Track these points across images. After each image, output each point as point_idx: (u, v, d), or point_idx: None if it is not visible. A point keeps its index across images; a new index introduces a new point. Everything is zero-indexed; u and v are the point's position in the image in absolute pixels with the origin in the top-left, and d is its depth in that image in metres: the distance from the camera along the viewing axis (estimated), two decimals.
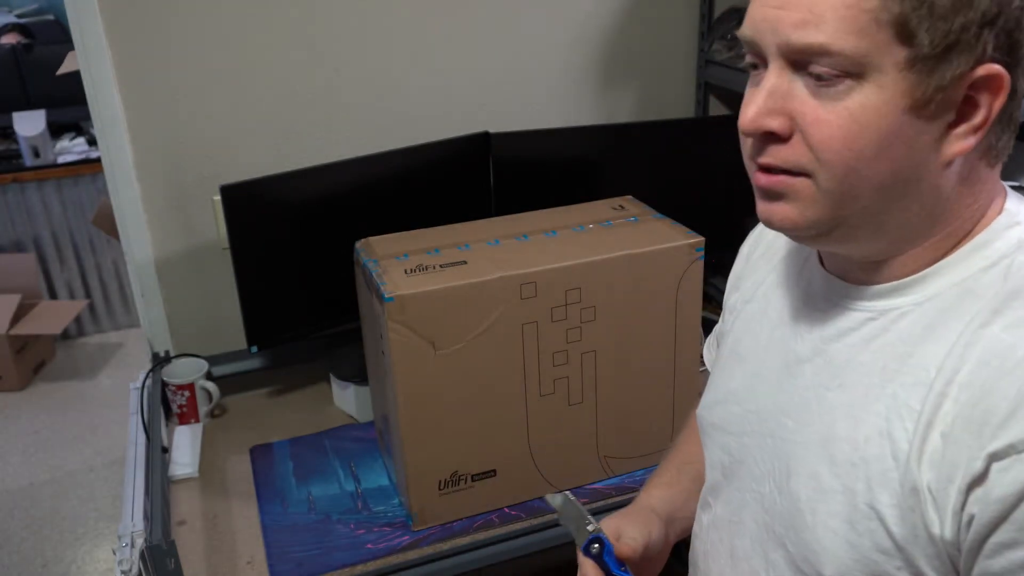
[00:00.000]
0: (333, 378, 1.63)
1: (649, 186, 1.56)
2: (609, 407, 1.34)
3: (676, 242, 1.30)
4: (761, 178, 0.65)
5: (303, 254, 1.55)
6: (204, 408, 1.60)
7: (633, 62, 1.90)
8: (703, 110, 1.98)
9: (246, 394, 1.70)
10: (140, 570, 1.15)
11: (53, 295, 3.50)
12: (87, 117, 1.71)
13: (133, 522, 1.24)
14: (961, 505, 0.58)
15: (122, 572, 1.16)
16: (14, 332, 3.16)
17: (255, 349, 1.54)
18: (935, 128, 0.59)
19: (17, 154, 3.34)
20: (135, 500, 1.30)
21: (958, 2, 0.56)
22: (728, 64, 1.84)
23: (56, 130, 3.45)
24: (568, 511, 0.87)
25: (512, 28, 1.77)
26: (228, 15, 1.56)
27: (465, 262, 1.23)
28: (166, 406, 1.59)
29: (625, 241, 1.29)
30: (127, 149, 1.57)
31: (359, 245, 1.32)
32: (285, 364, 1.76)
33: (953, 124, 0.60)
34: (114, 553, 1.19)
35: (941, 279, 0.64)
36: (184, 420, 1.59)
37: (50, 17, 4.43)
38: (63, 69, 2.71)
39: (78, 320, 3.55)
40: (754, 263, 0.87)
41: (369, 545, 1.28)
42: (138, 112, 1.56)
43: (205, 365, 1.61)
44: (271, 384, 1.72)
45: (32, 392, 3.25)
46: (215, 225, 1.67)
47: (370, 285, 1.23)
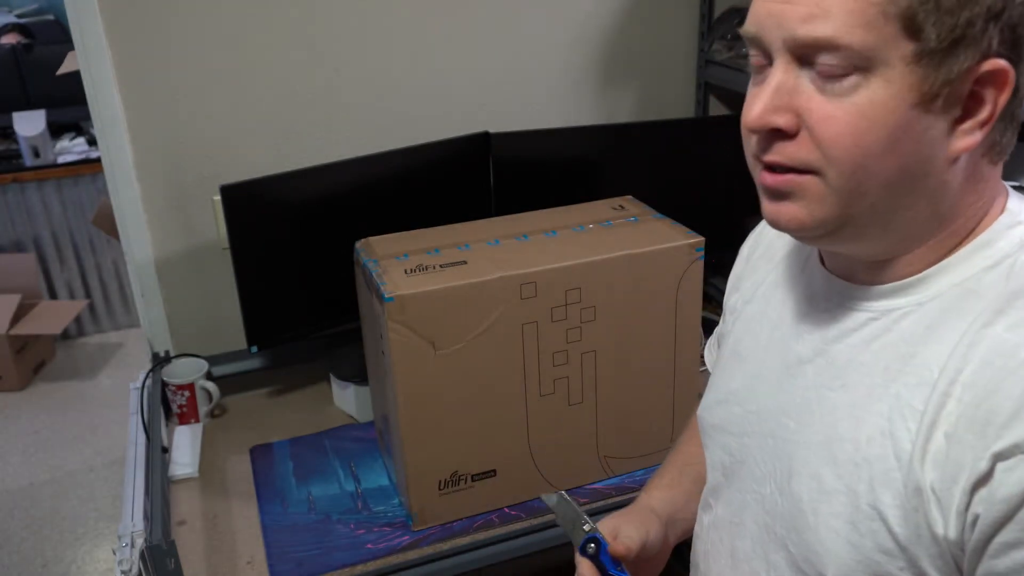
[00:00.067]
0: (333, 378, 1.63)
1: (649, 186, 1.56)
2: (609, 407, 1.34)
3: (676, 242, 1.30)
4: (768, 178, 0.64)
5: (303, 254, 1.55)
6: (204, 408, 1.60)
7: (633, 62, 1.90)
8: (703, 110, 1.98)
9: (246, 394, 1.70)
10: (140, 570, 1.15)
11: (53, 295, 3.50)
12: (87, 117, 1.71)
13: (133, 522, 1.24)
14: (966, 505, 0.58)
15: (122, 572, 1.16)
16: (14, 332, 3.16)
17: (255, 349, 1.54)
18: (942, 123, 0.59)
19: (17, 154, 3.34)
20: (135, 500, 1.30)
21: None
22: (728, 64, 1.84)
23: (56, 130, 3.45)
24: (564, 511, 0.87)
25: (512, 28, 1.77)
26: (228, 15, 1.56)
27: (465, 262, 1.23)
28: (166, 406, 1.59)
29: (625, 241, 1.29)
30: (127, 149, 1.57)
31: (359, 245, 1.32)
32: (285, 364, 1.76)
33: (959, 120, 0.60)
34: (114, 553, 1.19)
35: (943, 279, 0.64)
36: (184, 420, 1.59)
37: (50, 17, 4.43)
38: (63, 69, 2.71)
39: (78, 320, 3.55)
40: (754, 264, 0.87)
41: (369, 545, 1.28)
42: (138, 112, 1.56)
43: (205, 365, 1.61)
44: (271, 384, 1.72)
45: (32, 392, 3.25)
46: (215, 225, 1.67)
47: (370, 285, 1.23)
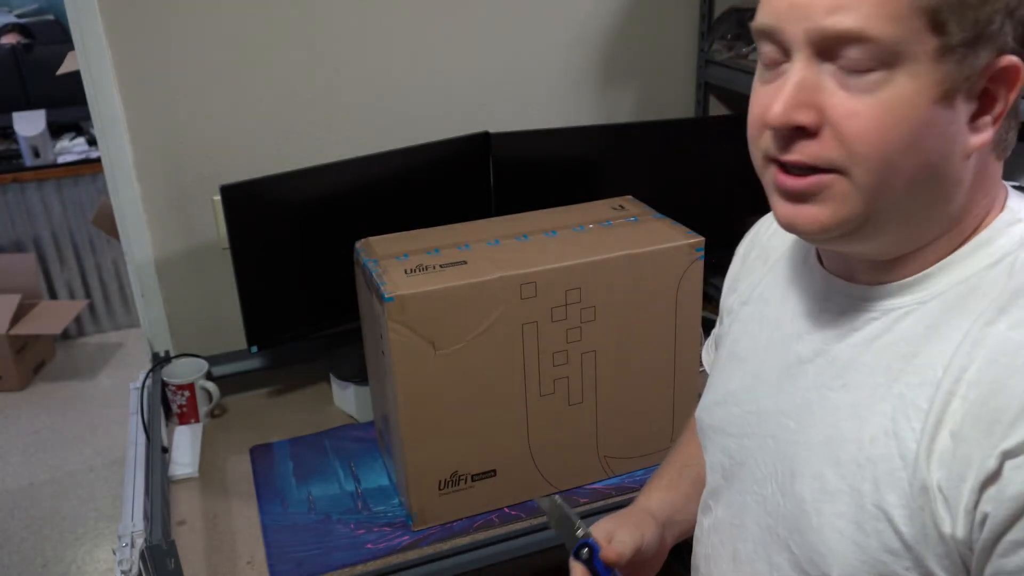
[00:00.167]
0: (333, 378, 1.63)
1: (649, 186, 1.56)
2: (609, 407, 1.34)
3: (676, 242, 1.30)
4: (788, 180, 0.62)
5: (303, 254, 1.55)
6: (204, 408, 1.60)
7: (633, 62, 1.90)
8: (703, 110, 1.98)
9: (246, 394, 1.70)
10: (140, 570, 1.15)
11: (53, 295, 3.50)
12: (87, 117, 1.71)
13: (133, 522, 1.24)
14: (974, 503, 0.58)
15: (122, 572, 1.16)
16: (14, 332, 3.16)
17: (255, 349, 1.54)
18: (960, 119, 0.59)
19: (17, 154, 3.34)
20: (135, 500, 1.29)
21: None
22: (728, 64, 1.84)
23: (56, 130, 3.45)
24: (558, 515, 0.86)
25: (512, 28, 1.77)
26: (228, 15, 1.56)
27: (465, 262, 1.23)
28: (166, 406, 1.59)
29: (625, 241, 1.29)
30: (127, 149, 1.57)
31: (359, 245, 1.32)
32: (285, 364, 1.76)
33: (974, 116, 0.60)
34: (114, 553, 1.19)
35: (945, 277, 0.64)
36: (184, 420, 1.59)
37: (50, 17, 4.42)
38: (63, 69, 2.71)
39: (78, 320, 3.55)
40: (750, 264, 0.86)
41: (369, 545, 1.28)
42: (138, 112, 1.56)
43: (205, 365, 1.61)
44: (271, 384, 1.72)
45: (32, 392, 3.25)
46: (215, 225, 1.67)
47: (370, 285, 1.23)
